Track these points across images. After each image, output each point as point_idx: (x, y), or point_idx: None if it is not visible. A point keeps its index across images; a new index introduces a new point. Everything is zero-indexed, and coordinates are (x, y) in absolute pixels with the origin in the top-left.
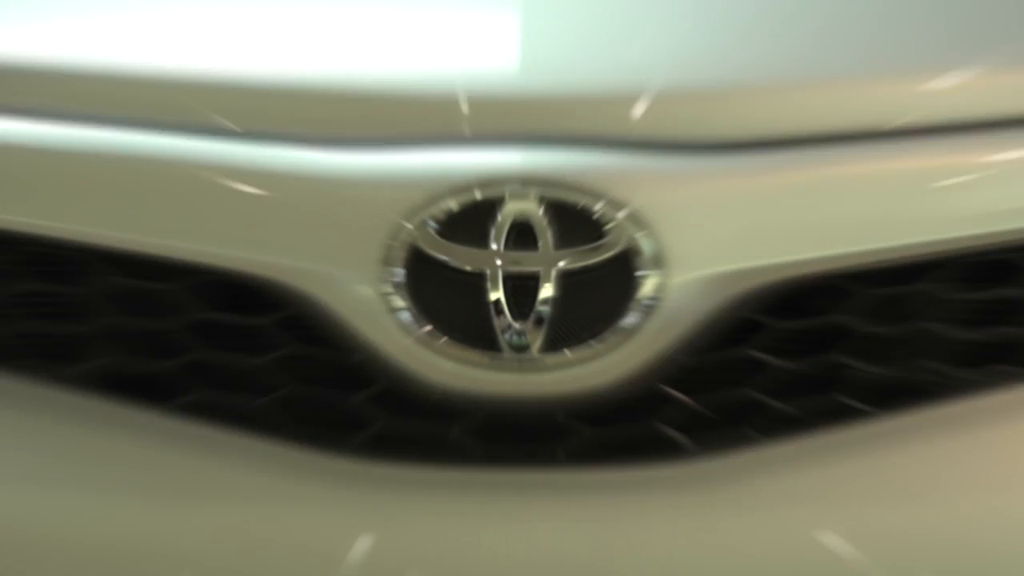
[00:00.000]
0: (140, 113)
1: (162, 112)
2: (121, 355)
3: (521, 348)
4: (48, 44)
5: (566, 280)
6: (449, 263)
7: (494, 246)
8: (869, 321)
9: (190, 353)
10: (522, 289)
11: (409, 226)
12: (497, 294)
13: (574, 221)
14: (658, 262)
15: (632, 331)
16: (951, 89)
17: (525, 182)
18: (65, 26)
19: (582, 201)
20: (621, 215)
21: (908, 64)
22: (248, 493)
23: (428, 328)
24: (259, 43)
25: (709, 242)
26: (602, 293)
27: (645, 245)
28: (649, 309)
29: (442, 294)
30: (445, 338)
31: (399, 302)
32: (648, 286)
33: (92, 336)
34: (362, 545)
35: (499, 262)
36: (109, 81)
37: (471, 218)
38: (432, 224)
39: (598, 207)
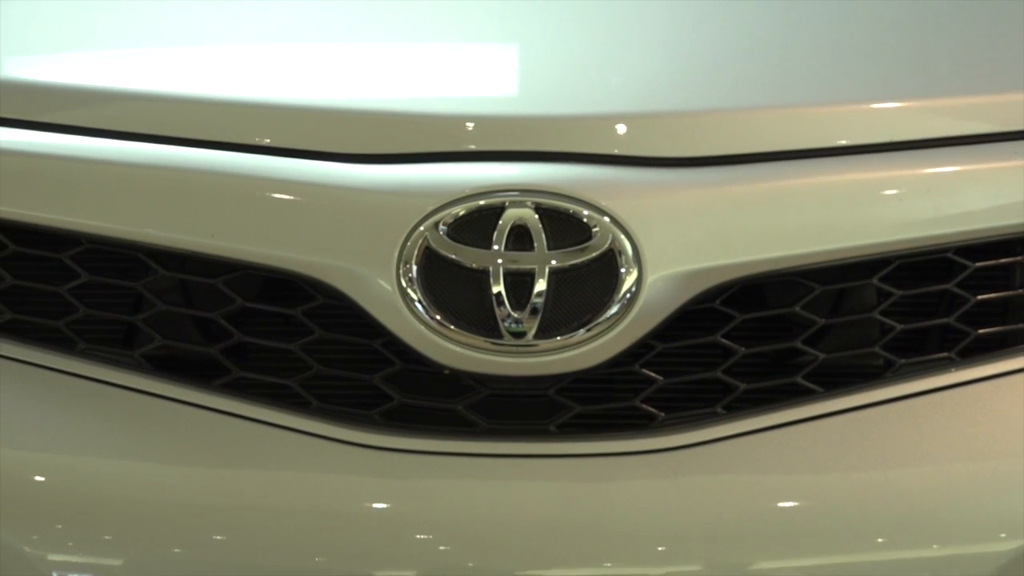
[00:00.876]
0: (197, 133)
1: (215, 132)
2: (174, 339)
3: (519, 334)
4: (122, 75)
5: (557, 276)
6: (457, 261)
7: (496, 247)
8: (820, 312)
9: (234, 338)
10: (520, 284)
11: (423, 230)
12: (498, 288)
13: (564, 225)
14: (636, 261)
15: (614, 320)
16: (882, 114)
17: (523, 192)
18: (136, 60)
19: (571, 208)
20: (605, 220)
21: (847, 93)
22: (280, 460)
23: (438, 317)
24: (298, 74)
25: (680, 244)
26: (588, 287)
27: (625, 246)
28: (629, 301)
29: (451, 288)
30: (453, 326)
31: (414, 294)
32: (628, 281)
33: (150, 323)
34: (380, 503)
35: (500, 261)
36: (176, 105)
37: (476, 223)
38: (443, 228)
39: (585, 214)
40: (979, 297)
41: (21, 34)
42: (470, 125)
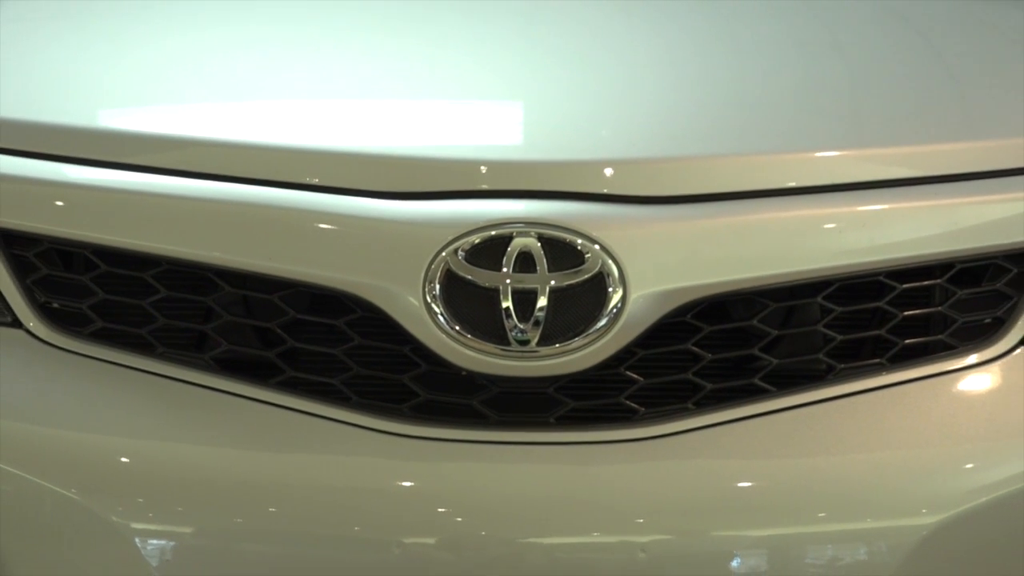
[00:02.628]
0: (256, 173)
1: (271, 173)
2: (237, 345)
3: (524, 342)
4: (196, 125)
5: (556, 294)
6: (473, 281)
7: (505, 269)
8: (773, 325)
9: (288, 344)
10: (525, 300)
11: (444, 255)
12: (507, 303)
13: (562, 252)
14: (621, 282)
15: (603, 331)
16: (824, 161)
17: (527, 224)
18: (206, 113)
19: (568, 238)
20: (595, 248)
21: (795, 144)
22: (325, 446)
23: (457, 327)
24: (341, 124)
25: (657, 267)
26: (582, 303)
27: (612, 269)
28: (615, 315)
29: (467, 303)
30: (469, 335)
31: (437, 309)
32: (614, 299)
33: (217, 331)
34: (407, 481)
35: (508, 281)
36: (239, 151)
37: (489, 249)
38: (461, 253)
39: (579, 242)
40: (905, 313)
41: (115, 89)
42: (483, 168)
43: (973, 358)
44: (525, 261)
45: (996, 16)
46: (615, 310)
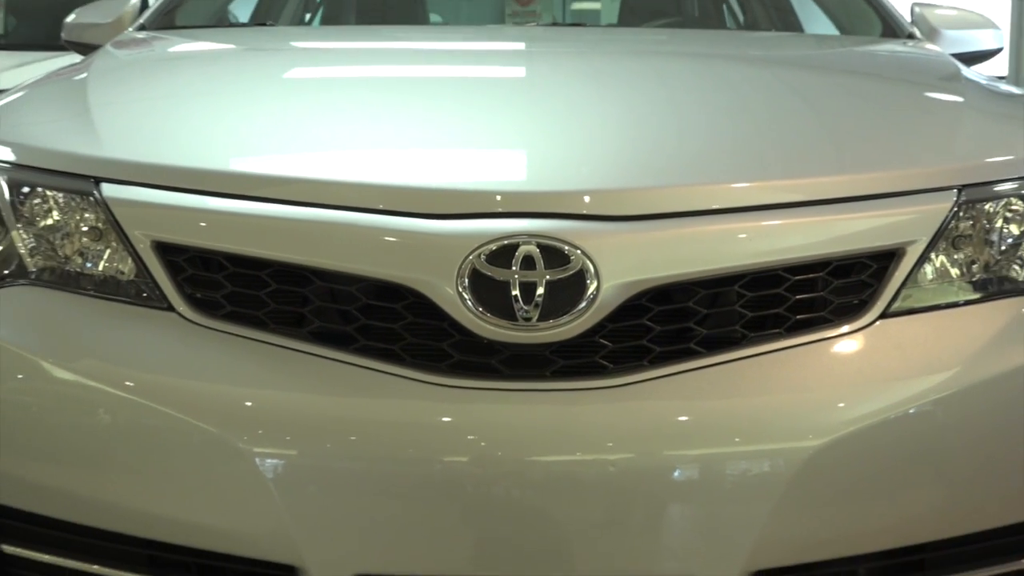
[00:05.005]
0: (340, 201)
1: (351, 200)
2: (326, 323)
3: (527, 319)
4: (294, 166)
5: (550, 285)
6: (491, 276)
7: (513, 268)
8: (706, 306)
9: (360, 321)
10: (528, 290)
11: (471, 258)
12: (515, 292)
13: (554, 255)
14: (596, 276)
15: (583, 311)
16: (739, 190)
17: (530, 236)
18: (297, 158)
19: (558, 245)
20: (578, 252)
21: (719, 178)
22: (388, 392)
23: (480, 309)
24: (396, 166)
25: (623, 266)
26: (568, 292)
27: (590, 268)
28: (591, 299)
29: (487, 292)
30: (489, 314)
31: (466, 296)
32: (591, 288)
33: (311, 313)
34: (446, 417)
35: (516, 276)
36: (326, 185)
37: (502, 254)
38: (483, 256)
39: (566, 248)
40: (797, 297)
41: (238, 142)
42: (498, 197)
43: (845, 328)
44: (528, 262)
45: (876, 81)
46: (592, 296)
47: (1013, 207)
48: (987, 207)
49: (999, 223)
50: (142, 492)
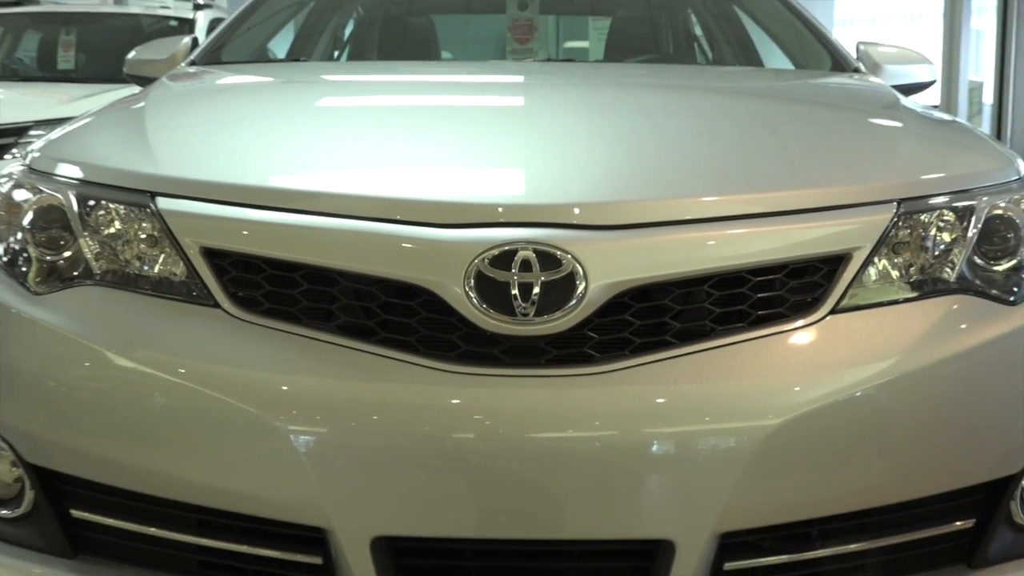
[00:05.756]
0: (362, 213)
1: (372, 212)
2: (351, 317)
3: (525, 314)
4: (321, 183)
5: (544, 285)
6: (493, 278)
7: (513, 271)
8: (679, 303)
9: (381, 317)
10: (525, 289)
11: (476, 262)
12: (514, 291)
13: (548, 259)
14: (584, 277)
15: (573, 307)
16: (707, 203)
17: (527, 243)
18: (325, 176)
19: (552, 251)
20: (569, 257)
21: (691, 193)
22: (404, 378)
23: (484, 306)
24: (410, 183)
25: (607, 269)
26: (560, 291)
27: (579, 270)
28: (580, 298)
29: (490, 291)
30: (492, 311)
31: (472, 294)
32: (580, 288)
33: (338, 310)
34: (455, 400)
35: (515, 278)
36: (350, 199)
37: (503, 258)
38: (486, 260)
39: (558, 253)
40: (758, 295)
41: (275, 162)
42: (500, 209)
43: (800, 323)
44: (525, 265)
45: (826, 108)
46: (581, 295)
47: (945, 218)
48: (922, 218)
49: (933, 231)
50: (191, 464)
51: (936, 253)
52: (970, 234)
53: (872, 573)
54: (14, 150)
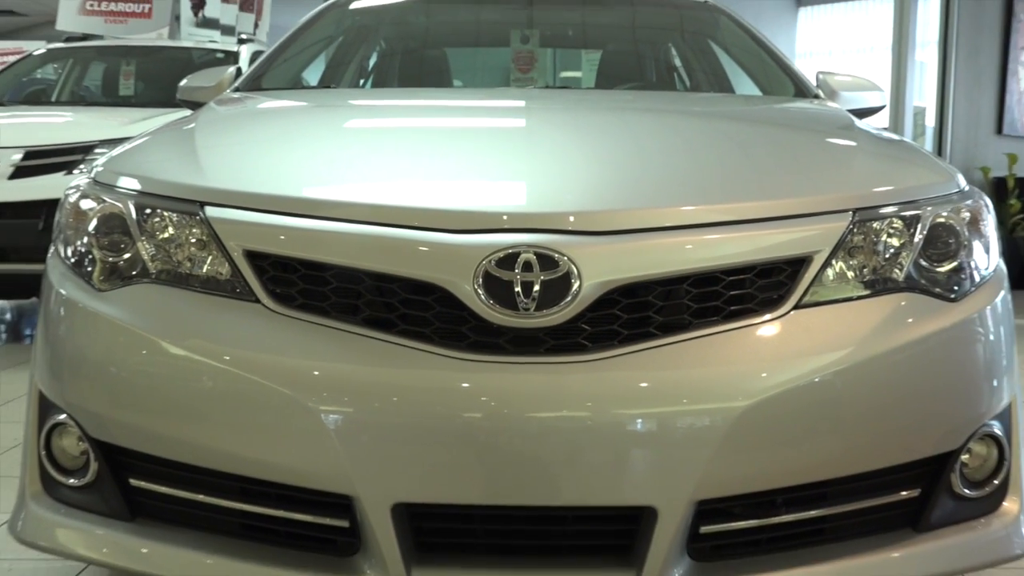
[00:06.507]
0: (383, 220)
1: (392, 219)
2: (374, 311)
3: (527, 309)
4: (354, 194)
5: (544, 284)
6: (499, 277)
7: (516, 271)
8: (661, 300)
9: (401, 311)
10: (527, 287)
11: (484, 263)
12: (517, 289)
13: (547, 261)
14: (579, 277)
15: (568, 303)
16: (684, 211)
17: (528, 247)
18: (349, 188)
19: (550, 253)
20: (565, 259)
21: (672, 203)
22: (421, 364)
23: (491, 301)
24: (427, 195)
25: (599, 269)
26: (557, 289)
27: (574, 271)
28: (575, 294)
29: (496, 289)
30: (499, 305)
31: (481, 292)
32: (575, 286)
33: (363, 304)
34: (465, 385)
35: (518, 277)
36: (373, 208)
37: (508, 260)
38: (493, 261)
39: (556, 255)
40: (731, 292)
41: (307, 177)
42: (505, 217)
43: (767, 316)
44: (527, 266)
45: (790, 130)
46: (575, 292)
47: (894, 225)
48: (875, 225)
49: (883, 237)
50: (234, 439)
51: (886, 256)
52: (916, 239)
53: (830, 537)
54: (81, 165)
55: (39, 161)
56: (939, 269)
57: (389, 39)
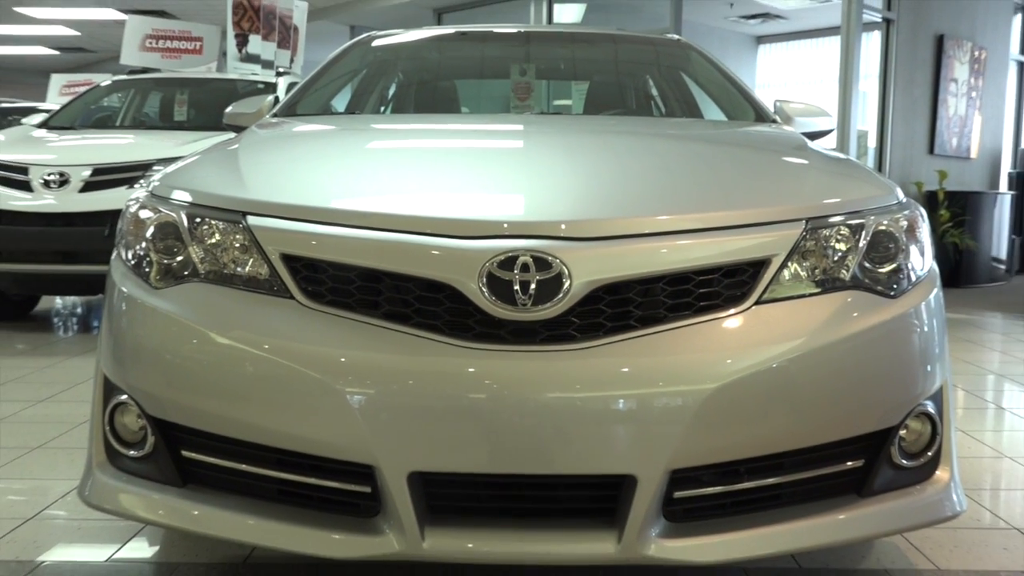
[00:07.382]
0: (397, 227)
1: (405, 227)
2: (392, 306)
3: (524, 305)
4: (374, 205)
5: (539, 283)
6: (500, 277)
7: (516, 271)
8: (640, 296)
9: (415, 306)
10: (524, 285)
11: (487, 265)
12: (516, 287)
13: (542, 264)
14: (569, 277)
15: (560, 300)
16: (664, 220)
17: (525, 251)
18: (365, 199)
19: (545, 256)
20: (557, 261)
21: (650, 213)
22: (432, 352)
23: (494, 298)
24: (434, 206)
25: (586, 270)
26: (551, 287)
27: (565, 271)
28: (566, 292)
29: (498, 287)
30: (500, 302)
31: (485, 290)
32: (566, 285)
33: (383, 300)
34: (471, 368)
35: (517, 276)
36: (389, 216)
37: (508, 262)
38: (495, 264)
39: (550, 258)
40: (700, 290)
41: (335, 190)
42: (505, 224)
43: (731, 311)
44: (525, 267)
45: (751, 150)
46: (566, 290)
47: (841, 232)
48: (824, 232)
49: (832, 243)
50: (271, 417)
51: (835, 259)
52: (861, 244)
53: (785, 501)
54: (141, 181)
55: (105, 177)
56: (880, 270)
57: (406, 72)
